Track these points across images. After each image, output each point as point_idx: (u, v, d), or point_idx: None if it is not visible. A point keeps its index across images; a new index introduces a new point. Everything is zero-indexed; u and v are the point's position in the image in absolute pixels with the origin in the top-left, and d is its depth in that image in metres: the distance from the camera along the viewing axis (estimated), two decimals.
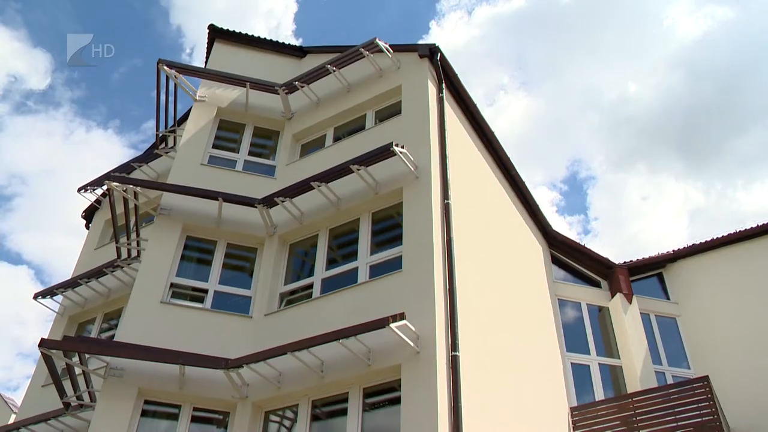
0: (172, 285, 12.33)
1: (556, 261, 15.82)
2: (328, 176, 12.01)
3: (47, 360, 11.19)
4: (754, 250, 15.92)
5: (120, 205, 14.23)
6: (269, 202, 12.45)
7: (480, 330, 10.84)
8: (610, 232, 62.28)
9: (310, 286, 11.88)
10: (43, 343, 10.91)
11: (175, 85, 15.37)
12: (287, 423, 10.75)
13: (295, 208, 12.47)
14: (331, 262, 12.07)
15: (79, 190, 17.83)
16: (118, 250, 14.37)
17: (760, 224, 15.93)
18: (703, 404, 12.17)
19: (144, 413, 10.91)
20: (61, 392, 11.73)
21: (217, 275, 12.59)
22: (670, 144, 55.34)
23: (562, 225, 67.75)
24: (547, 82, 63.69)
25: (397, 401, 9.45)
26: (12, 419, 16.49)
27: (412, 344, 9.43)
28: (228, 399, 10.83)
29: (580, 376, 14.06)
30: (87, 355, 11.60)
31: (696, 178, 58.48)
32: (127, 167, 17.24)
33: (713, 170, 56.43)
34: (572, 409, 13.14)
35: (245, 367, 10.39)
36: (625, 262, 16.18)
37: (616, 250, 63.45)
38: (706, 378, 12.48)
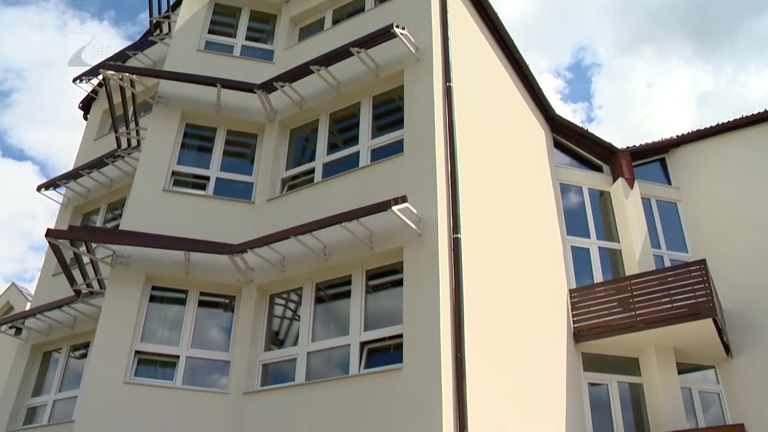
0: (173, 173, 12.34)
1: (558, 145, 15.70)
2: (328, 60, 11.74)
3: (55, 250, 11.35)
4: (759, 136, 15.75)
5: (117, 95, 14.01)
6: (268, 87, 12.24)
7: (481, 212, 10.90)
8: (614, 119, 61.62)
9: (312, 171, 11.88)
10: (50, 233, 11.05)
11: None
12: (292, 305, 11.02)
13: (294, 92, 12.27)
14: (332, 147, 12.00)
15: (74, 80, 17.49)
16: (117, 139, 14.28)
17: (767, 109, 15.69)
18: (698, 287, 12.40)
19: (152, 299, 11.19)
20: (71, 280, 11.98)
21: (218, 162, 12.57)
22: (680, 26, 53.70)
23: (565, 112, 66.77)
24: None
25: (399, 283, 9.64)
26: (28, 307, 16.90)
27: (413, 226, 9.51)
28: (233, 283, 11.06)
29: (579, 259, 14.26)
30: (94, 244, 11.76)
31: (706, 61, 57.09)
32: (122, 56, 16.84)
33: (725, 53, 54.96)
34: (571, 291, 13.42)
35: (249, 252, 10.54)
36: (627, 147, 16.07)
37: (620, 138, 62.95)
38: (702, 261, 12.65)
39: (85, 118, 18.49)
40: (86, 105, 18.55)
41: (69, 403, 12.59)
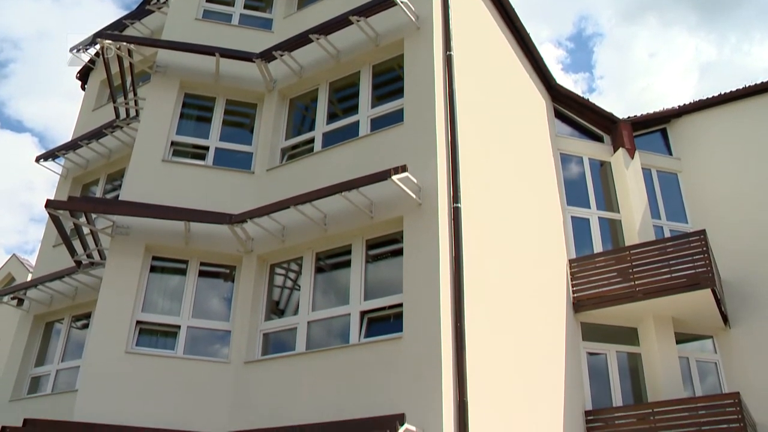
0: (172, 143, 12.30)
1: (559, 115, 15.61)
2: (327, 28, 11.63)
3: (55, 220, 11.35)
4: (761, 106, 15.65)
5: (114, 65, 13.89)
6: (267, 56, 12.14)
7: (481, 181, 10.88)
8: (615, 90, 61.31)
9: (311, 141, 11.83)
10: (50, 204, 11.03)
11: None
12: (292, 275, 11.04)
13: (294, 61, 12.17)
14: (332, 116, 11.93)
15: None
16: (116, 110, 14.20)
17: None
18: (697, 257, 12.42)
19: (153, 269, 11.22)
20: (72, 251, 12.00)
21: (217, 132, 12.51)
22: None
23: (567, 83, 66.21)
24: None
25: (399, 252, 9.65)
26: (29, 278, 16.98)
27: (413, 196, 9.50)
28: (233, 253, 11.07)
29: (579, 229, 14.27)
30: (93, 215, 11.76)
31: (710, 31, 56.56)
32: (119, 25, 16.68)
33: (729, 22, 54.43)
34: (571, 261, 13.45)
35: (249, 222, 10.54)
36: (629, 117, 15.99)
37: (622, 108, 62.64)
38: (702, 232, 12.66)
39: (83, 88, 18.39)
40: (84, 75, 18.43)
41: (72, 372, 12.70)
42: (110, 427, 9.54)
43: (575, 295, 13.02)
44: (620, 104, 63.00)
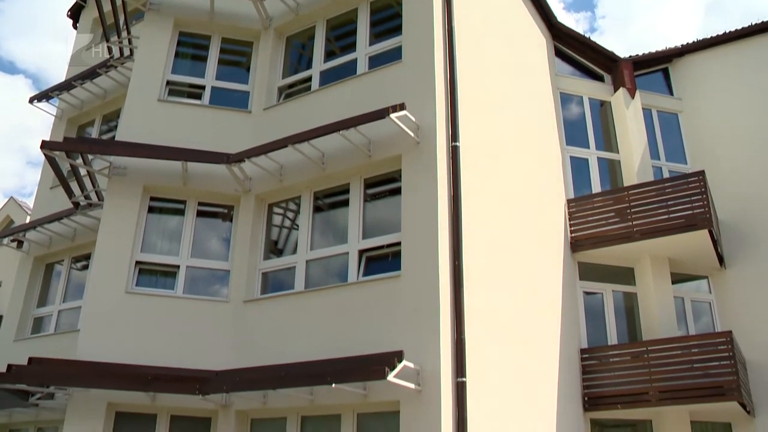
0: (168, 82, 12.15)
1: (559, 54, 15.34)
2: None
3: (51, 162, 11.30)
4: (765, 46, 15.40)
5: (107, 2, 13.58)
6: None
7: (480, 120, 10.78)
8: (617, 29, 60.23)
9: (309, 79, 11.68)
10: (45, 145, 10.94)
11: None
12: (290, 214, 11.06)
13: None
14: (330, 54, 11.75)
15: None
16: (109, 49, 13.98)
17: None
18: (695, 198, 12.40)
19: (151, 209, 11.22)
20: (69, 192, 11.98)
21: (213, 71, 12.34)
22: None
23: (568, 22, 65.13)
24: None
25: (397, 191, 9.64)
26: (27, 220, 16.98)
27: (412, 134, 9.43)
28: (231, 193, 11.06)
29: (578, 169, 14.20)
30: (90, 156, 11.70)
31: None
32: None
33: None
34: (569, 201, 13.44)
35: (247, 161, 10.49)
36: (630, 56, 15.75)
37: (623, 49, 61.72)
38: (701, 173, 12.62)
39: (75, 27, 18.01)
40: (75, 13, 18.01)
41: (73, 313, 12.82)
42: (112, 365, 9.69)
43: (573, 234, 13.06)
44: (622, 44, 62.01)
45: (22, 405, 10.47)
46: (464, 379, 8.37)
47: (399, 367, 7.87)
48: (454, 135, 9.65)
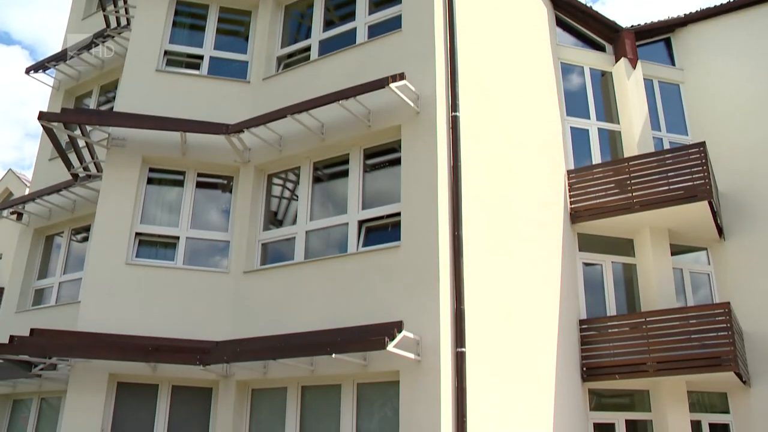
0: (166, 52, 12.06)
1: (560, 23, 15.15)
2: None
3: (49, 133, 11.23)
4: None
5: None
6: None
7: (480, 91, 10.70)
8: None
9: (308, 49, 11.58)
10: (43, 116, 10.86)
11: None
12: (290, 185, 11.03)
13: None
14: (329, 24, 11.63)
15: None
16: (106, 18, 13.83)
17: None
18: (695, 169, 12.34)
19: (150, 181, 11.21)
20: (68, 164, 11.94)
21: (211, 40, 12.24)
22: None
23: None
24: None
25: (397, 162, 9.61)
26: (27, 192, 16.94)
27: (412, 104, 9.37)
28: (231, 164, 11.03)
29: (578, 140, 14.11)
30: (88, 127, 11.63)
31: None
32: None
33: None
34: (569, 172, 13.38)
35: (246, 132, 10.44)
36: (632, 26, 15.58)
37: (625, 18, 61.01)
38: (702, 144, 12.54)
39: None
40: None
41: (74, 284, 12.85)
42: (113, 336, 9.75)
43: (573, 206, 13.04)
44: (624, 14, 61.36)
45: (25, 375, 10.55)
46: (464, 349, 8.42)
47: (399, 337, 7.92)
48: (454, 105, 9.59)
